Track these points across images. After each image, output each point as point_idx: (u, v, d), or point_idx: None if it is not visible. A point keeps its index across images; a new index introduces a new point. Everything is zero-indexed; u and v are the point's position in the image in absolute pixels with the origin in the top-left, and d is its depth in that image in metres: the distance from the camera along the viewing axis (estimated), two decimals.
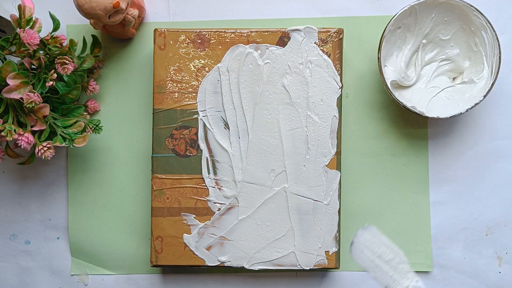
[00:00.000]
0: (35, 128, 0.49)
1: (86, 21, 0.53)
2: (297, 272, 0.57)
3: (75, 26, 0.57)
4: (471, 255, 0.57)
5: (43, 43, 0.48)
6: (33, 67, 0.49)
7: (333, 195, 0.53)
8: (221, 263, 0.53)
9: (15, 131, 0.47)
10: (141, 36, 0.58)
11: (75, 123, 0.51)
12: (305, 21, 0.57)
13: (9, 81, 0.45)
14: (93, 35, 0.55)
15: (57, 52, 0.49)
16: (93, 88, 0.55)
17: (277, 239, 0.53)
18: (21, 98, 0.46)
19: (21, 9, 0.47)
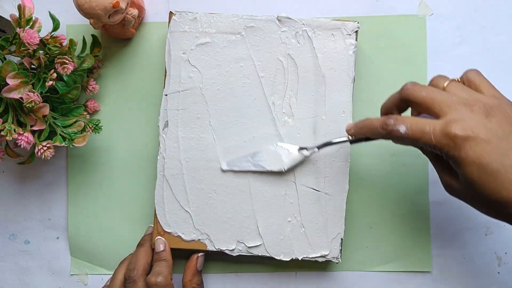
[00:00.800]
0: (35, 128, 0.49)
1: (86, 21, 0.53)
2: (296, 272, 0.57)
3: (74, 26, 0.57)
4: (470, 255, 0.57)
5: (43, 43, 0.48)
6: (32, 67, 0.48)
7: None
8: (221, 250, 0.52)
9: (14, 130, 0.47)
10: (140, 36, 0.58)
11: (74, 122, 0.51)
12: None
13: (8, 80, 0.45)
14: (92, 35, 0.55)
15: (57, 52, 0.49)
16: (92, 88, 0.55)
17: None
18: (21, 98, 0.46)
19: (20, 9, 0.47)
